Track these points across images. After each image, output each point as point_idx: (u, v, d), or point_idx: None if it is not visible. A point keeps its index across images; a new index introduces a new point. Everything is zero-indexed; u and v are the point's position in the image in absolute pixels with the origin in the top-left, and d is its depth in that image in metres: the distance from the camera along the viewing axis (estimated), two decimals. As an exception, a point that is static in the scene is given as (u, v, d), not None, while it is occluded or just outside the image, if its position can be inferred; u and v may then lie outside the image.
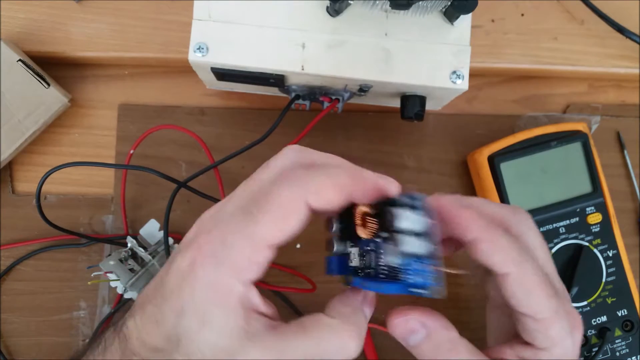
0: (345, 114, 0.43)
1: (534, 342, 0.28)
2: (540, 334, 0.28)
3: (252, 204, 0.25)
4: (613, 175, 0.44)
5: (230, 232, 0.24)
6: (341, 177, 0.25)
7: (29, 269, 0.41)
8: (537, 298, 0.27)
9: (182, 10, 0.42)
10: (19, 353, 0.40)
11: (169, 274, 0.25)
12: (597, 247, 0.41)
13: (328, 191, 0.25)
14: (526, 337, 0.28)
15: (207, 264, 0.24)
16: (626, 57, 0.45)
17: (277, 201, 0.24)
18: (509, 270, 0.27)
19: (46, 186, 0.37)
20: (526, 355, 0.28)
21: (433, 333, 0.27)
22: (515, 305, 0.27)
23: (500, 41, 0.44)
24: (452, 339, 0.28)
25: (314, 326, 0.25)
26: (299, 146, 0.28)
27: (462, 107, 0.45)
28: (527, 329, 0.28)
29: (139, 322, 0.25)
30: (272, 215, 0.24)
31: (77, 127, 0.43)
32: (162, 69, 0.44)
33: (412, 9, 0.33)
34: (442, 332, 0.27)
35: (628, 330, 0.41)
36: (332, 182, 0.25)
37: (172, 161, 0.43)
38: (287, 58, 0.34)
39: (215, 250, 0.24)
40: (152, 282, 0.27)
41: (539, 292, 0.27)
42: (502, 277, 0.27)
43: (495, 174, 0.41)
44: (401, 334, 0.28)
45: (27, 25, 0.42)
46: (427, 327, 0.27)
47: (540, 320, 0.27)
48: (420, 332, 0.27)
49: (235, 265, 0.24)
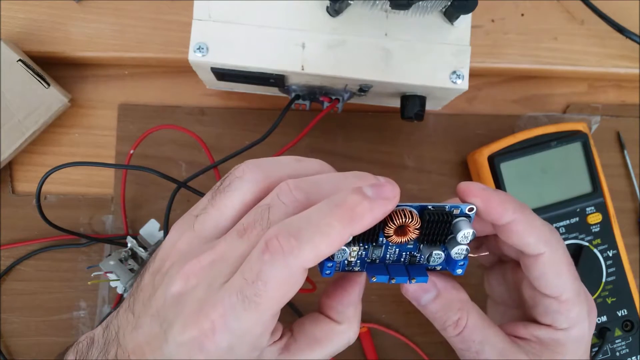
0: (345, 114, 0.43)
1: (553, 324, 0.29)
2: (562, 315, 0.28)
3: (246, 288, 0.23)
4: (613, 175, 0.44)
5: (233, 320, 0.23)
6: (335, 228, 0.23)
7: (29, 269, 0.41)
8: (565, 279, 0.28)
9: (182, 10, 0.42)
10: (19, 353, 0.40)
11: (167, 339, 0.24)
12: (597, 247, 0.41)
13: (324, 250, 0.23)
14: (544, 319, 0.29)
15: (219, 351, 0.23)
16: (626, 57, 0.45)
17: (272, 284, 0.22)
18: (542, 251, 0.28)
19: (46, 186, 0.37)
20: (541, 335, 0.29)
21: (443, 292, 0.29)
22: (544, 286, 0.28)
23: (500, 41, 0.44)
24: (462, 299, 0.29)
25: (327, 337, 0.27)
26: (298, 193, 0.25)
27: (462, 107, 0.45)
28: (549, 310, 0.29)
29: None
30: (273, 298, 0.23)
31: (77, 127, 0.43)
32: (162, 69, 0.44)
33: (412, 9, 0.33)
34: (452, 291, 0.29)
35: (628, 330, 0.41)
36: (325, 239, 0.23)
37: (172, 161, 0.43)
38: (287, 58, 0.34)
39: (225, 340, 0.23)
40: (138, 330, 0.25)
41: (567, 274, 0.28)
42: (534, 258, 0.28)
43: (495, 174, 0.41)
44: (414, 294, 0.29)
45: (27, 25, 0.42)
46: (438, 286, 0.28)
47: (564, 301, 0.28)
48: (431, 292, 0.28)
49: (249, 346, 0.24)
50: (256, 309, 0.22)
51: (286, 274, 0.23)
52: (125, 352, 0.25)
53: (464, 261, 0.27)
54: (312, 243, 0.23)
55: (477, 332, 0.28)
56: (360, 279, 0.27)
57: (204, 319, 0.23)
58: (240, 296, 0.23)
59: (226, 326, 0.23)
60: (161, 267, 0.26)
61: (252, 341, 0.24)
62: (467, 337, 0.28)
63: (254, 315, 0.23)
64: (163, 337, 0.24)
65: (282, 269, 0.22)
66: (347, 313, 0.27)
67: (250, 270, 0.23)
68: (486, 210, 0.27)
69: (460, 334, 0.29)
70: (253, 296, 0.22)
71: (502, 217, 0.27)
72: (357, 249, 0.26)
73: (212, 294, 0.23)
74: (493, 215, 0.27)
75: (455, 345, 0.30)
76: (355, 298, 0.27)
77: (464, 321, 0.28)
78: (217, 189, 0.27)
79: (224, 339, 0.23)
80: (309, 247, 0.22)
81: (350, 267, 0.27)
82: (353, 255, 0.26)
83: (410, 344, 0.41)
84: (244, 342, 0.23)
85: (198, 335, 0.23)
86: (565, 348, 0.29)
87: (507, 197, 0.27)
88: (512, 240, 0.27)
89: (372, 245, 0.27)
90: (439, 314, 0.29)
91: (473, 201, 0.27)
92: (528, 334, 0.29)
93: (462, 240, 0.26)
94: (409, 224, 0.25)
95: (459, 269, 0.27)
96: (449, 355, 0.41)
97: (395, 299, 0.41)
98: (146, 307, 0.25)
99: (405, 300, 0.32)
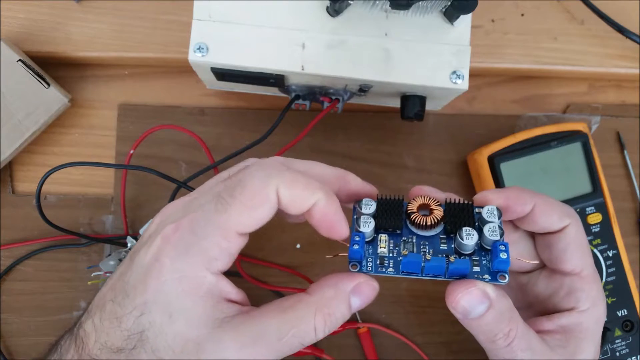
0: (345, 114, 0.43)
1: (576, 305, 0.29)
2: (584, 293, 0.29)
3: (224, 190, 0.24)
4: (613, 175, 0.44)
5: (201, 221, 0.24)
6: (316, 181, 0.25)
7: (29, 269, 0.41)
8: (587, 254, 0.29)
9: (182, 10, 0.42)
10: (19, 353, 0.40)
11: (130, 268, 0.24)
12: (597, 247, 0.41)
13: (300, 187, 0.25)
14: (567, 302, 0.29)
15: (175, 255, 0.23)
16: (626, 57, 0.45)
17: (250, 189, 0.24)
18: (567, 222, 0.29)
19: (46, 186, 0.37)
20: (565, 322, 0.29)
21: (495, 302, 0.26)
22: (566, 260, 0.29)
23: (500, 41, 0.44)
24: (511, 308, 0.27)
25: (292, 308, 0.25)
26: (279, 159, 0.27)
27: (462, 107, 0.45)
28: (571, 290, 0.29)
29: (97, 323, 0.24)
30: (244, 204, 0.24)
31: (77, 127, 0.43)
32: (162, 69, 0.44)
33: (412, 9, 0.33)
34: (503, 300, 0.27)
35: (628, 330, 0.41)
36: (305, 179, 0.25)
37: (172, 161, 0.43)
38: (287, 58, 0.34)
39: (184, 240, 0.23)
40: (108, 280, 0.25)
41: (587, 249, 0.30)
42: (560, 232, 0.29)
43: (495, 174, 0.41)
44: (468, 304, 0.26)
45: (27, 25, 0.42)
46: (490, 296, 0.26)
47: (585, 277, 0.29)
48: (484, 303, 0.26)
49: (205, 256, 0.23)
50: (225, 210, 0.23)
51: (264, 186, 0.24)
52: (87, 311, 0.25)
53: (504, 245, 0.26)
54: (295, 175, 0.25)
55: (524, 341, 0.27)
56: (359, 277, 0.26)
57: (170, 225, 0.24)
58: (216, 198, 0.24)
59: (190, 226, 0.23)
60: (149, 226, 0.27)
61: (209, 251, 0.23)
62: (515, 347, 0.27)
63: (222, 218, 0.23)
64: (129, 269, 0.24)
65: (262, 179, 0.24)
66: (324, 292, 0.25)
67: (235, 176, 0.24)
68: (507, 207, 0.28)
69: (509, 344, 0.27)
70: (228, 197, 0.23)
71: (525, 206, 0.28)
72: (387, 239, 0.27)
73: (186, 211, 0.24)
74: (514, 210, 0.28)
75: (497, 355, 0.28)
76: (342, 284, 0.26)
77: (515, 332, 0.27)
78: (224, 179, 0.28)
79: (183, 237, 0.23)
80: (291, 177, 0.24)
81: (384, 267, 0.26)
82: (383, 244, 0.26)
83: (410, 344, 0.41)
84: (201, 247, 0.23)
85: (160, 243, 0.23)
86: (589, 331, 0.29)
87: (520, 189, 0.28)
88: (540, 222, 0.28)
89: (403, 240, 0.27)
90: (491, 326, 0.27)
91: (493, 204, 0.28)
92: (552, 325, 0.29)
93: (489, 217, 0.27)
94: (430, 202, 0.27)
95: (503, 253, 0.25)
96: (449, 356, 0.41)
97: (395, 299, 0.41)
98: (119, 267, 0.25)
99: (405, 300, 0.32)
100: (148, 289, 0.23)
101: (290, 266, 0.41)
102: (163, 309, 0.23)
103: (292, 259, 0.42)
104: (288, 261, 0.42)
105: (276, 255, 0.42)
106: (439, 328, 0.42)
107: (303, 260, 0.42)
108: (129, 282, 0.24)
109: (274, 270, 0.42)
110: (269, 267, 0.41)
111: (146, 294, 0.23)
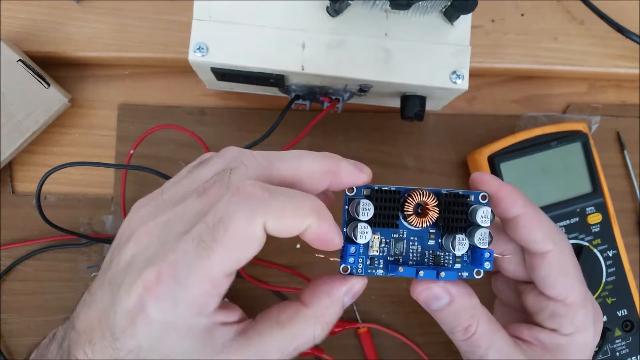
0: (345, 114, 0.43)
1: (558, 329, 0.28)
2: (567, 319, 0.28)
3: (204, 232, 0.22)
4: (613, 175, 0.44)
5: (183, 269, 0.22)
6: (306, 201, 0.23)
7: (29, 269, 0.41)
8: (571, 280, 0.28)
9: (182, 10, 0.42)
10: (19, 353, 0.40)
11: (114, 307, 0.22)
12: (597, 247, 0.41)
13: (288, 216, 0.22)
14: (550, 323, 0.29)
15: (162, 309, 0.22)
16: (626, 57, 0.45)
17: (233, 231, 0.21)
18: (549, 248, 0.27)
19: (46, 186, 0.37)
20: (544, 339, 0.29)
21: (456, 299, 0.28)
22: (550, 287, 0.28)
23: (500, 41, 0.44)
24: (474, 306, 0.28)
25: (290, 321, 0.25)
26: (261, 154, 0.25)
27: (462, 107, 0.45)
28: (554, 314, 0.28)
29: (90, 355, 0.23)
30: (229, 248, 0.22)
31: (77, 127, 0.43)
32: (162, 69, 0.44)
33: (412, 9, 0.33)
34: (465, 298, 0.28)
35: (628, 330, 0.41)
36: (293, 205, 0.23)
37: (172, 161, 0.43)
38: (287, 58, 0.34)
39: (169, 292, 0.22)
40: (91, 305, 0.24)
41: (574, 275, 0.28)
42: (541, 257, 0.28)
43: (495, 174, 0.41)
44: (425, 299, 0.28)
45: (27, 25, 0.42)
46: (451, 293, 0.28)
47: (570, 304, 0.28)
48: (443, 298, 0.28)
49: (194, 305, 0.22)
50: (209, 256, 0.21)
51: (248, 224, 0.21)
52: (76, 334, 0.24)
53: (489, 252, 0.26)
54: (281, 204, 0.22)
55: (485, 338, 0.28)
56: (354, 280, 0.26)
57: (150, 270, 0.22)
58: (197, 241, 0.22)
59: (173, 274, 0.21)
60: (120, 238, 0.25)
61: (197, 299, 0.22)
62: (474, 343, 0.28)
63: (205, 264, 0.21)
64: (112, 307, 0.23)
65: (245, 216, 0.21)
66: (320, 302, 0.25)
67: (215, 213, 0.22)
68: (496, 199, 0.27)
69: (468, 339, 0.28)
70: (210, 241, 0.21)
71: (511, 208, 0.27)
72: (379, 239, 0.26)
73: (164, 248, 0.22)
74: (503, 204, 0.27)
75: (460, 348, 0.30)
76: (336, 290, 0.26)
77: (474, 328, 0.28)
78: (195, 165, 0.26)
79: (168, 289, 0.21)
80: (277, 206, 0.22)
81: (374, 268, 0.27)
82: (375, 247, 0.26)
83: (410, 344, 0.41)
84: (187, 297, 0.22)
85: (142, 291, 0.22)
86: (568, 353, 0.28)
87: (517, 190, 0.27)
88: (519, 234, 0.28)
89: (393, 236, 0.27)
90: (450, 319, 0.28)
91: (485, 189, 0.27)
92: (531, 337, 0.29)
93: (483, 221, 0.26)
94: (427, 201, 0.26)
95: (487, 262, 0.26)
96: (449, 356, 0.41)
97: (395, 299, 0.41)
98: (101, 281, 0.24)
99: (405, 300, 0.32)
100: (138, 335, 0.22)
101: (290, 266, 0.42)
102: (160, 352, 0.22)
103: (292, 259, 0.42)
104: (288, 261, 0.42)
105: (276, 255, 0.42)
106: (439, 328, 0.41)
107: (303, 260, 0.42)
108: (116, 323, 0.23)
109: (274, 270, 0.42)
110: (268, 267, 0.41)
111: (137, 338, 0.22)
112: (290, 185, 0.24)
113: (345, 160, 0.26)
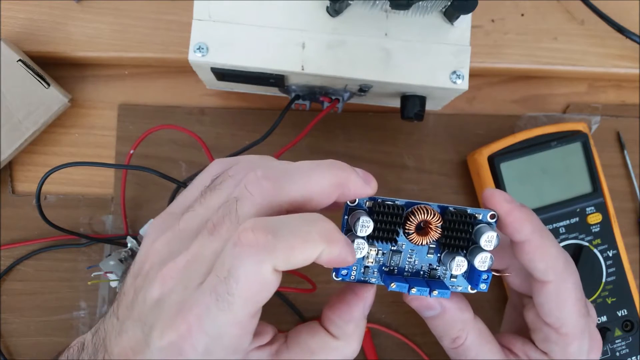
0: (345, 114, 0.43)
1: (549, 353, 0.28)
2: (559, 347, 0.28)
3: (219, 286, 0.22)
4: (613, 175, 0.44)
5: (209, 323, 0.22)
6: (313, 228, 0.22)
7: (29, 269, 0.41)
8: (568, 313, 0.28)
9: (182, 10, 0.42)
10: (19, 353, 0.40)
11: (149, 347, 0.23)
12: (597, 247, 0.41)
13: (298, 253, 0.22)
14: (542, 346, 0.29)
15: (197, 354, 0.23)
16: (626, 57, 0.45)
17: (245, 282, 0.22)
18: (550, 279, 0.27)
19: (46, 186, 0.37)
20: (534, 358, 0.29)
21: (447, 312, 0.28)
22: (545, 314, 0.28)
23: (500, 41, 0.44)
24: (464, 320, 0.28)
25: (321, 350, 0.26)
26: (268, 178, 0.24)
27: (462, 107, 0.45)
28: (547, 339, 0.28)
29: None
30: (246, 297, 0.22)
31: (77, 127, 0.43)
32: (162, 69, 0.44)
33: (412, 9, 0.33)
34: (456, 313, 0.28)
35: (628, 330, 0.41)
36: (301, 240, 0.22)
37: (172, 161, 0.43)
38: (287, 58, 0.34)
39: (202, 343, 0.22)
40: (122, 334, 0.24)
41: (572, 308, 0.27)
42: (541, 284, 0.27)
43: (495, 174, 0.41)
44: (417, 307, 0.29)
45: (27, 25, 0.42)
46: (443, 305, 0.28)
47: (563, 334, 0.28)
48: (435, 309, 0.28)
49: (229, 350, 0.23)
50: (230, 308, 0.22)
51: (257, 273, 0.22)
52: (111, 358, 0.25)
53: (487, 274, 0.26)
54: (287, 243, 0.22)
55: (472, 350, 0.28)
56: (366, 294, 0.26)
57: (181, 322, 0.22)
58: (214, 295, 0.22)
59: (202, 328, 0.22)
60: (141, 269, 0.25)
61: (230, 343, 0.23)
62: (461, 353, 0.29)
63: (229, 316, 0.22)
64: (145, 342, 0.23)
65: (253, 266, 0.21)
66: (346, 329, 0.26)
67: (222, 266, 0.22)
68: (505, 222, 0.26)
69: (455, 349, 0.29)
70: (226, 295, 0.22)
71: (517, 233, 0.26)
72: (376, 251, 0.26)
73: (188, 296, 0.23)
74: (510, 228, 0.26)
75: (447, 352, 0.30)
76: (357, 314, 0.26)
77: (461, 340, 0.28)
78: (208, 187, 0.26)
79: (201, 341, 0.22)
80: (283, 247, 0.22)
81: (367, 276, 0.27)
82: (371, 259, 0.26)
83: (410, 344, 0.41)
84: (221, 344, 0.23)
85: (176, 339, 0.22)
86: None
87: (530, 215, 0.27)
88: (522, 260, 0.27)
89: (391, 249, 0.26)
90: (440, 328, 0.29)
91: (494, 209, 0.26)
92: (523, 352, 0.29)
93: (486, 245, 0.25)
94: (431, 220, 0.25)
95: (483, 283, 0.26)
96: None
97: (395, 299, 0.41)
98: (129, 311, 0.25)
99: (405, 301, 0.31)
100: None
101: (290, 266, 0.41)
102: None
103: (292, 259, 0.42)
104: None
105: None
106: (439, 328, 0.42)
107: (303, 260, 0.42)
108: None
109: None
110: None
111: None
112: (300, 205, 0.24)
113: (354, 172, 0.25)
